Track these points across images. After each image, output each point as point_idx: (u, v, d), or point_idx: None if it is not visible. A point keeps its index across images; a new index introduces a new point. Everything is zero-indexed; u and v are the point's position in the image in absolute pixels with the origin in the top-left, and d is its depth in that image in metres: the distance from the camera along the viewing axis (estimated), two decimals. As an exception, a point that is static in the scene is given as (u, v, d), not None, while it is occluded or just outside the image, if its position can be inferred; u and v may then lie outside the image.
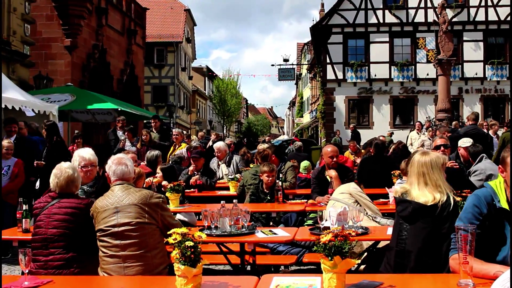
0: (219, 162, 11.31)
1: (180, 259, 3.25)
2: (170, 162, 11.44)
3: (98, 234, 4.37)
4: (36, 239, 4.50)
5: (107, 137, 15.00)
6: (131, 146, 13.45)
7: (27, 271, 3.64)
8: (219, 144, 11.78)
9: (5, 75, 14.71)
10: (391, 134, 25.02)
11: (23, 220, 5.63)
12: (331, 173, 7.74)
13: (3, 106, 11.76)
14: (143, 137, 13.40)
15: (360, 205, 6.05)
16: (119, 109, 17.64)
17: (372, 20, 32.46)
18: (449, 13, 28.19)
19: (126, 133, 13.97)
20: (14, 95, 12.50)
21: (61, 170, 4.75)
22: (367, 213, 5.75)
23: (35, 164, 10.28)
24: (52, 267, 4.33)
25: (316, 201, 7.57)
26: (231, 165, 11.14)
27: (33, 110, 12.81)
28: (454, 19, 30.33)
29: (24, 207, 5.66)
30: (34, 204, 4.76)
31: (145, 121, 15.52)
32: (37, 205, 4.71)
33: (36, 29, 21.66)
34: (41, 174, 10.31)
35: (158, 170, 8.63)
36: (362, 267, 5.43)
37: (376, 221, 5.75)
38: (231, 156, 11.48)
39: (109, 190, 4.55)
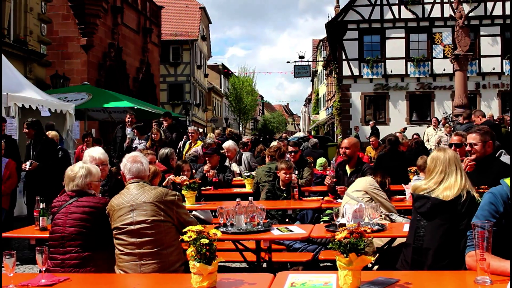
0: (230, 162, 11.23)
1: (196, 257, 3.25)
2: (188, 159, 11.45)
3: (114, 232, 4.39)
4: (53, 237, 4.52)
5: (115, 134, 14.75)
6: (139, 144, 13.21)
7: (44, 269, 3.66)
8: (228, 144, 11.65)
9: (22, 74, 14.83)
10: (404, 130, 24.88)
11: (40, 218, 5.68)
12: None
13: (20, 105, 11.85)
14: (153, 135, 12.97)
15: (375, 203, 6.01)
16: (135, 107, 17.71)
17: (388, 15, 32.25)
18: (466, 7, 27.95)
19: (134, 130, 13.66)
20: (31, 94, 12.60)
21: (75, 171, 4.78)
22: (381, 213, 5.70)
23: (25, 168, 9.58)
24: (68, 266, 4.35)
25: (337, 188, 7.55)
26: (242, 163, 11.07)
27: (49, 109, 12.89)
28: (470, 14, 30.06)
29: (41, 205, 5.70)
30: (52, 203, 4.79)
31: (154, 121, 15.08)
32: (55, 203, 4.74)
33: (52, 29, 21.83)
34: (32, 175, 9.66)
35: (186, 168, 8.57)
36: (376, 267, 5.37)
37: (392, 219, 5.71)
38: (240, 154, 11.39)
39: (125, 188, 4.56)
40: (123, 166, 4.68)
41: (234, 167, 10.76)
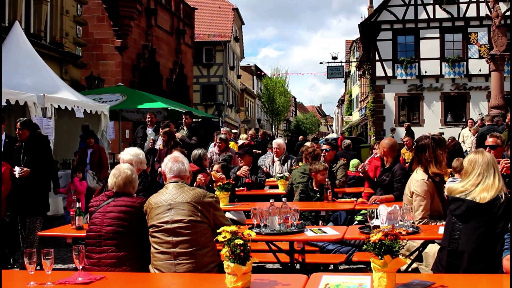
0: (275, 158, 11.10)
1: (230, 257, 3.27)
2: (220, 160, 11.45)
3: (150, 230, 4.44)
4: (90, 236, 4.58)
5: (135, 134, 14.27)
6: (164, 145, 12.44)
7: (80, 267, 3.71)
8: (280, 141, 11.48)
9: (58, 76, 15.05)
10: (441, 134, 24.57)
11: (76, 217, 5.76)
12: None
13: (56, 106, 12.03)
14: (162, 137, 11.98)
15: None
16: (169, 108, 17.83)
17: (422, 15, 31.91)
18: (502, 6, 27.44)
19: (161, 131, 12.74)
20: (67, 96, 12.78)
21: (120, 171, 4.85)
22: None
23: (16, 174, 8.01)
24: (104, 265, 4.40)
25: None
26: (285, 165, 10.93)
27: (85, 110, 13.06)
28: (507, 13, 29.57)
29: (78, 204, 5.78)
30: (90, 202, 4.87)
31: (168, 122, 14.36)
32: (92, 203, 4.81)
33: (87, 31, 22.13)
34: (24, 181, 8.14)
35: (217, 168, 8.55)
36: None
37: None
38: (288, 156, 11.23)
39: (164, 188, 4.63)
40: (164, 165, 4.75)
41: (277, 165, 10.63)
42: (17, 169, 8.00)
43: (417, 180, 5.70)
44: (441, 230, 4.75)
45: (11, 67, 12.31)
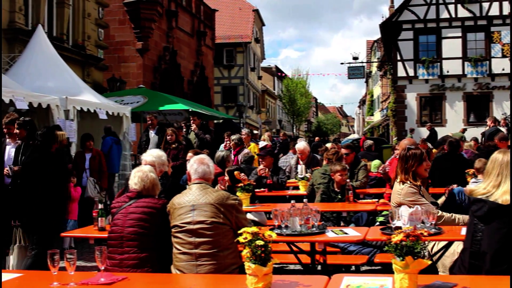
0: (300, 161, 11.02)
1: (251, 258, 3.28)
2: (241, 161, 11.45)
3: (173, 230, 4.47)
4: (112, 237, 4.62)
5: (140, 139, 14.05)
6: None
7: (103, 268, 3.75)
8: (303, 146, 11.18)
9: (81, 78, 15.19)
10: (464, 130, 24.38)
11: (99, 218, 5.81)
12: None
13: (78, 108, 12.14)
14: (167, 137, 11.68)
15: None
16: (190, 110, 17.91)
17: (444, 15, 31.66)
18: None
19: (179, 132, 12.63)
20: (89, 98, 12.88)
21: (145, 174, 4.89)
22: None
23: (7, 173, 7.78)
24: (126, 266, 4.44)
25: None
26: (310, 166, 10.80)
27: (107, 112, 13.16)
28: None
29: (100, 206, 5.83)
30: (112, 203, 4.91)
31: (182, 123, 13.66)
32: (114, 204, 4.85)
33: (109, 33, 22.32)
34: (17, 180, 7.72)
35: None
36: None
37: None
38: (313, 157, 11.14)
39: (187, 188, 4.69)
40: (190, 166, 4.80)
41: (302, 169, 10.57)
42: (9, 168, 7.74)
43: (400, 189, 5.73)
44: (464, 231, 4.71)
45: (34, 70, 12.47)
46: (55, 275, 3.63)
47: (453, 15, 31.51)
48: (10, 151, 8.22)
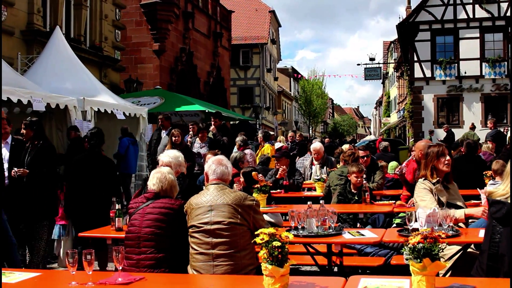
0: (314, 162, 11.02)
1: (268, 259, 3.28)
2: (258, 163, 11.45)
3: (190, 230, 4.49)
4: (129, 237, 4.65)
5: (151, 137, 13.86)
6: (200, 148, 12.20)
7: (120, 268, 3.77)
8: (319, 146, 11.24)
9: (98, 79, 15.29)
10: (473, 127, 24.20)
11: (116, 219, 5.84)
12: None
13: (96, 109, 12.22)
14: (173, 138, 11.14)
15: None
16: (207, 111, 17.94)
17: (462, 15, 31.45)
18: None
19: (199, 132, 12.48)
20: (106, 99, 12.96)
21: (165, 176, 4.93)
22: None
23: (13, 174, 7.61)
24: (143, 266, 4.46)
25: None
26: (324, 167, 10.82)
27: (124, 113, 13.24)
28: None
29: (117, 206, 5.86)
30: (129, 204, 4.94)
31: (190, 124, 13.15)
32: (132, 205, 4.89)
33: (126, 35, 22.45)
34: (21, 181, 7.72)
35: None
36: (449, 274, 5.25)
37: None
38: (327, 158, 11.13)
39: (205, 189, 4.71)
40: (208, 167, 4.81)
41: (317, 169, 10.51)
42: (15, 170, 7.62)
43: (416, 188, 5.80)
44: (482, 233, 4.68)
45: (52, 72, 12.57)
46: (74, 274, 3.66)
47: (471, 16, 31.30)
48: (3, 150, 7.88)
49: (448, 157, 5.76)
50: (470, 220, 5.84)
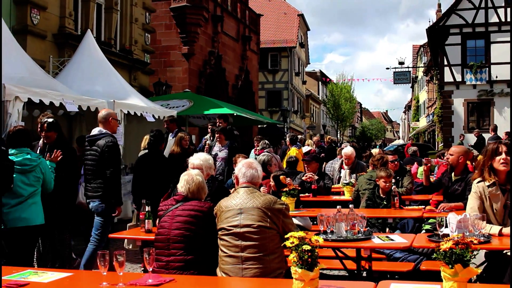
0: (345, 166, 10.94)
1: (298, 263, 3.28)
2: (285, 166, 11.42)
3: (219, 233, 4.51)
4: (159, 239, 4.68)
5: None
6: (219, 151, 11.65)
7: (150, 269, 3.79)
8: (350, 151, 11.05)
9: (128, 82, 15.43)
10: (479, 133, 23.93)
11: (146, 221, 5.88)
12: None
13: (125, 112, 12.33)
14: (182, 142, 10.76)
15: None
16: (235, 114, 17.98)
17: (493, 19, 31.10)
18: None
19: (216, 134, 11.86)
20: (136, 102, 13.08)
21: (192, 177, 4.96)
22: None
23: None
24: (173, 268, 4.48)
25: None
26: (355, 172, 10.71)
27: (153, 115, 13.33)
28: None
29: (147, 208, 5.90)
30: (159, 206, 4.98)
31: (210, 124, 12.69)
32: (161, 207, 4.92)
33: (155, 38, 22.62)
34: None
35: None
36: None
37: None
38: (358, 163, 11.05)
39: (235, 192, 4.72)
40: (238, 170, 4.84)
41: (346, 174, 10.41)
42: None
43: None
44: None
45: (82, 74, 12.73)
46: (105, 275, 3.69)
47: (503, 19, 30.92)
48: None
49: (504, 155, 5.26)
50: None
